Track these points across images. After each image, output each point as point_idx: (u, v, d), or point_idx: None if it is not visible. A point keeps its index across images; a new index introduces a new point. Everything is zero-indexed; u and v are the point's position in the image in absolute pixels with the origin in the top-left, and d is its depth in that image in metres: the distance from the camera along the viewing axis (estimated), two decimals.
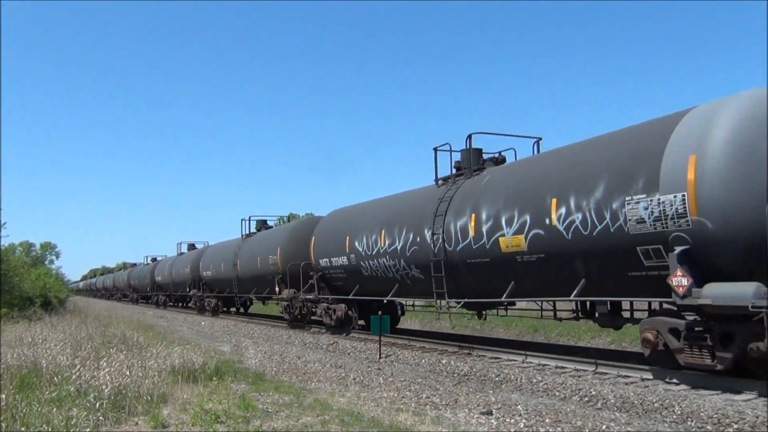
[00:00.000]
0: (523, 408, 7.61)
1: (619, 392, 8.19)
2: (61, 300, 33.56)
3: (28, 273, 29.32)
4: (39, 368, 8.56)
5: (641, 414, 7.44)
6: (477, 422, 7.06)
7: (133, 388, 7.53)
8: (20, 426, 5.99)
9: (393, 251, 14.36)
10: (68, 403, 6.76)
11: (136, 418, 6.80)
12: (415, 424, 6.67)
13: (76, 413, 6.31)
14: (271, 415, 7.04)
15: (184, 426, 6.46)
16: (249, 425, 6.44)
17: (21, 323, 17.98)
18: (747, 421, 6.60)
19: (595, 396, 8.26)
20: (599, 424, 6.78)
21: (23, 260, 39.84)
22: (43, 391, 7.23)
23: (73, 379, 7.60)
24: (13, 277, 24.08)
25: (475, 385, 9.69)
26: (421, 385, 9.38)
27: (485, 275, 11.73)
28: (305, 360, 12.59)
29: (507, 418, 7.25)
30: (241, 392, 8.38)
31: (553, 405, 7.84)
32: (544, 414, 7.30)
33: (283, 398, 8.18)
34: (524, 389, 9.30)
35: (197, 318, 28.61)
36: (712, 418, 6.83)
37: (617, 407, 7.77)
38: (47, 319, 20.26)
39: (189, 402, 7.56)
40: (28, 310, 23.77)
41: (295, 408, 7.50)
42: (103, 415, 6.44)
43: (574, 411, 7.45)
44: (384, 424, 6.62)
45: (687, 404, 7.29)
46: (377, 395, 8.76)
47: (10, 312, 21.34)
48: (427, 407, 7.87)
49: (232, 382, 9.17)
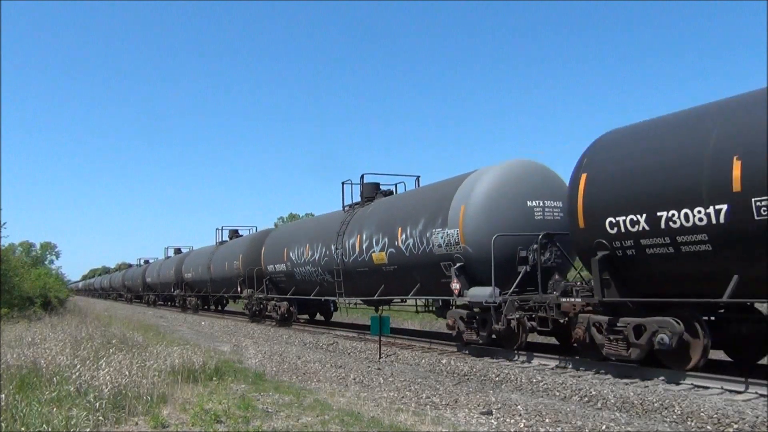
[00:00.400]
0: (523, 408, 7.61)
1: (619, 392, 8.19)
2: (61, 300, 33.57)
3: (28, 273, 29.32)
4: (39, 368, 8.56)
5: (641, 414, 7.44)
6: (477, 422, 7.06)
7: (133, 388, 7.53)
8: (20, 426, 5.99)
9: (313, 261, 18.60)
10: (68, 403, 6.75)
11: (136, 418, 6.79)
12: (415, 424, 6.67)
13: (76, 413, 6.31)
14: (271, 415, 7.04)
15: (184, 426, 6.45)
16: (249, 425, 6.44)
17: (21, 323, 17.99)
18: (747, 421, 6.60)
19: (595, 396, 8.26)
20: (599, 424, 6.79)
21: (23, 260, 39.87)
22: (43, 391, 7.22)
23: (72, 379, 7.59)
24: (13, 277, 24.07)
25: (475, 385, 9.69)
26: (421, 385, 9.38)
27: (367, 280, 15.92)
28: (305, 360, 12.59)
29: (507, 418, 7.25)
30: (241, 392, 8.38)
31: (553, 405, 7.84)
32: (544, 414, 7.30)
33: (283, 398, 8.18)
34: (524, 389, 9.30)
35: (197, 318, 28.67)
36: (712, 418, 6.83)
37: (617, 407, 7.77)
38: (47, 319, 20.26)
39: (189, 402, 7.56)
40: (28, 310, 23.79)
41: (295, 408, 7.50)
42: (103, 415, 6.44)
43: (574, 411, 7.45)
44: (384, 424, 6.62)
45: (687, 404, 7.30)
46: (377, 395, 8.76)
47: (10, 312, 21.35)
48: (427, 407, 7.87)
49: (232, 382, 9.17)
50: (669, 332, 8.53)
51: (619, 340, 9.27)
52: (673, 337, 8.49)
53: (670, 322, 8.58)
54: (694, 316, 8.68)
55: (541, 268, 11.13)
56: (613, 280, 9.28)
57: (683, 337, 8.60)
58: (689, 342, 8.65)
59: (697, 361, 8.60)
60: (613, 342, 9.36)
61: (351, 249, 16.24)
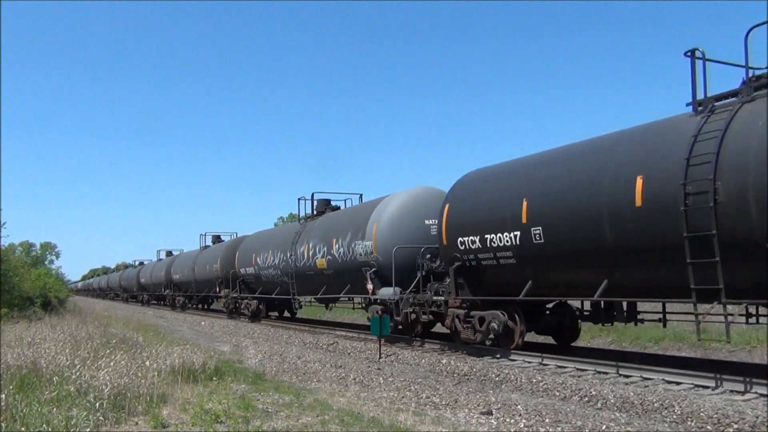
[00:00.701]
0: (523, 408, 7.61)
1: (619, 392, 8.19)
2: (61, 300, 33.56)
3: (28, 273, 29.31)
4: (39, 368, 8.54)
5: (641, 414, 7.44)
6: (477, 422, 7.06)
7: (133, 388, 7.52)
8: (20, 426, 5.99)
9: (275, 265, 21.91)
10: (68, 403, 6.75)
11: (136, 418, 6.79)
12: (415, 424, 6.67)
13: (76, 413, 6.30)
14: (271, 415, 7.04)
15: (184, 426, 6.45)
16: (249, 425, 6.44)
17: (21, 323, 17.96)
18: (747, 421, 6.60)
19: (595, 396, 8.26)
20: (599, 424, 6.79)
21: (23, 260, 39.87)
22: (43, 391, 7.22)
23: (72, 379, 7.58)
24: (13, 277, 24.06)
25: (475, 385, 9.69)
26: (421, 385, 9.38)
27: (313, 281, 19.20)
28: (305, 360, 12.59)
29: (507, 418, 7.25)
30: (241, 392, 8.38)
31: (553, 405, 7.84)
32: (544, 414, 7.30)
33: (283, 398, 8.18)
34: (524, 389, 9.30)
35: (197, 318, 28.74)
36: (712, 418, 6.83)
37: (617, 407, 7.77)
38: (47, 319, 20.25)
39: (189, 402, 7.55)
40: (28, 310, 23.77)
41: (295, 408, 7.49)
42: (103, 415, 6.43)
43: (574, 411, 7.45)
44: (384, 424, 6.62)
45: (687, 404, 7.30)
46: (377, 395, 8.76)
47: (10, 312, 21.33)
48: (427, 407, 7.87)
49: (232, 382, 9.16)
50: (497, 321, 11.68)
51: (470, 328, 12.34)
52: (500, 325, 11.63)
53: (498, 314, 11.70)
54: (514, 309, 11.75)
55: (435, 273, 13.94)
56: (466, 284, 12.50)
57: (508, 325, 11.68)
58: (513, 328, 11.73)
59: (517, 341, 11.74)
60: (467, 329, 12.43)
61: (301, 255, 19.55)
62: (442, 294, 13.23)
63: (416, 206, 15.22)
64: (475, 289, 12.29)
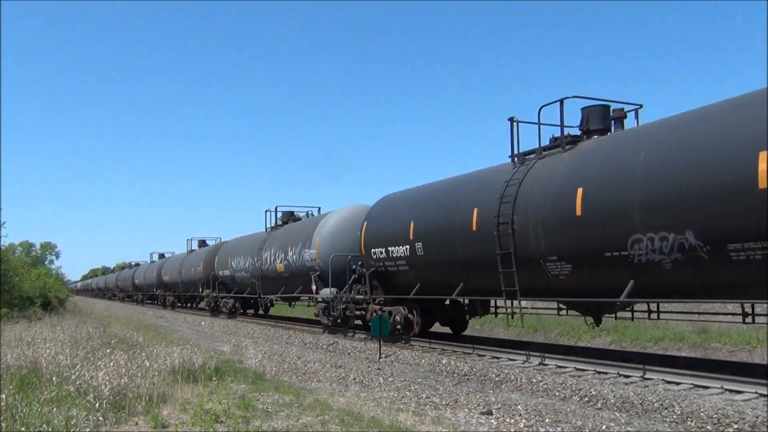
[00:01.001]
0: (523, 408, 7.61)
1: (619, 392, 8.19)
2: (61, 300, 33.52)
3: (28, 273, 29.27)
4: (39, 368, 8.54)
5: (641, 414, 7.44)
6: (477, 422, 7.06)
7: (133, 388, 7.52)
8: (20, 426, 5.99)
9: (245, 268, 25.08)
10: (68, 403, 6.74)
11: (136, 418, 6.79)
12: (415, 424, 6.67)
13: (76, 413, 6.29)
14: (271, 415, 7.04)
15: (184, 426, 6.45)
16: (249, 425, 6.43)
17: (21, 323, 17.96)
18: (747, 421, 6.60)
19: (595, 396, 8.26)
20: (599, 424, 6.78)
21: (23, 260, 39.82)
22: (43, 391, 7.21)
23: (72, 379, 7.57)
24: (13, 277, 24.04)
25: (475, 385, 9.69)
26: (421, 385, 9.38)
27: (274, 283, 22.41)
28: (305, 360, 12.59)
29: (507, 418, 7.25)
30: (241, 392, 8.37)
31: (553, 405, 7.84)
32: (544, 414, 7.30)
33: (283, 398, 8.17)
34: (524, 389, 9.30)
35: (197, 318, 28.73)
36: (712, 418, 6.83)
37: (617, 407, 7.77)
38: (47, 319, 20.24)
39: (189, 402, 7.54)
40: (28, 310, 23.75)
41: (295, 408, 7.49)
42: (102, 415, 6.43)
43: (574, 411, 7.45)
44: (384, 424, 6.62)
45: (687, 404, 7.29)
46: (377, 395, 8.76)
47: (10, 312, 21.31)
48: (427, 407, 7.87)
49: (232, 382, 9.15)
50: (400, 315, 14.42)
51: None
52: (402, 317, 14.35)
53: (400, 309, 14.47)
54: (412, 305, 14.43)
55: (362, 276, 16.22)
56: (379, 285, 15.35)
57: (408, 317, 14.34)
58: (411, 320, 14.38)
59: (415, 330, 14.44)
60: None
61: (266, 260, 22.70)
62: (362, 293, 16.05)
63: (350, 221, 18.20)
64: (386, 289, 15.22)
